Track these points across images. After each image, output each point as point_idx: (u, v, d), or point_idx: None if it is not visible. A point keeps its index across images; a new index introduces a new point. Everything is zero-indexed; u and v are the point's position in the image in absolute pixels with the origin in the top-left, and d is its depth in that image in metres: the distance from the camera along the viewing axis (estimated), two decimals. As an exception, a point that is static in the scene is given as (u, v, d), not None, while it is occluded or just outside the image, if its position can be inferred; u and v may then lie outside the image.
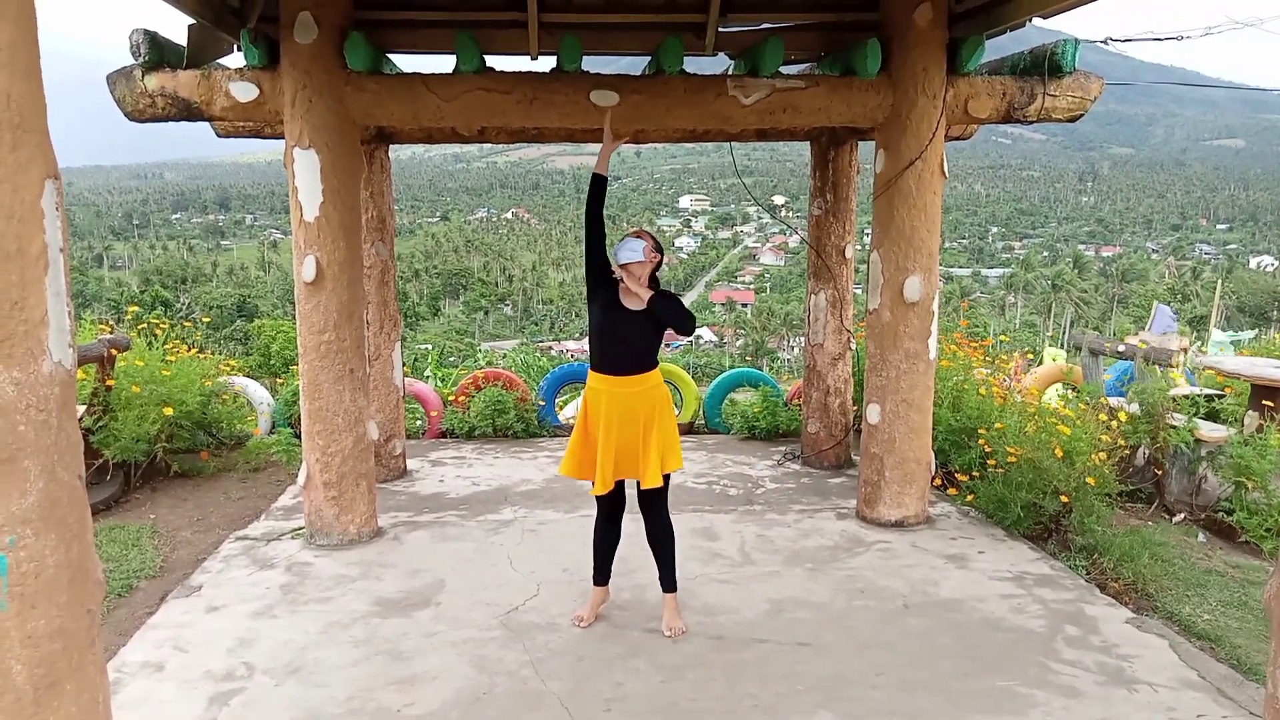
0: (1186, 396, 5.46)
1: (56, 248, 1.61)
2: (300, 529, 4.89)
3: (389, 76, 4.64)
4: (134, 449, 5.57)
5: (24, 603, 1.58)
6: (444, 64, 4.70)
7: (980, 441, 5.25)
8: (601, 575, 3.86)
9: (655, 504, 3.70)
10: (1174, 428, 5.23)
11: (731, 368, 9.30)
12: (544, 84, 4.61)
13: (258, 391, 7.30)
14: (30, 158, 1.55)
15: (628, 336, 3.58)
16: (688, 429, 7.65)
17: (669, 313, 3.55)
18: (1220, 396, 6.19)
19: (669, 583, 3.73)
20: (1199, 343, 8.67)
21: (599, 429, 3.59)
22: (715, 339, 69.24)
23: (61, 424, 1.63)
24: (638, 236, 3.66)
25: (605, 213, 3.74)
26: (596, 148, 3.97)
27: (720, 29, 5.02)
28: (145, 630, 3.69)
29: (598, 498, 3.72)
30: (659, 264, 3.67)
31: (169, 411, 5.79)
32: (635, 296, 3.57)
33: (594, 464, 3.61)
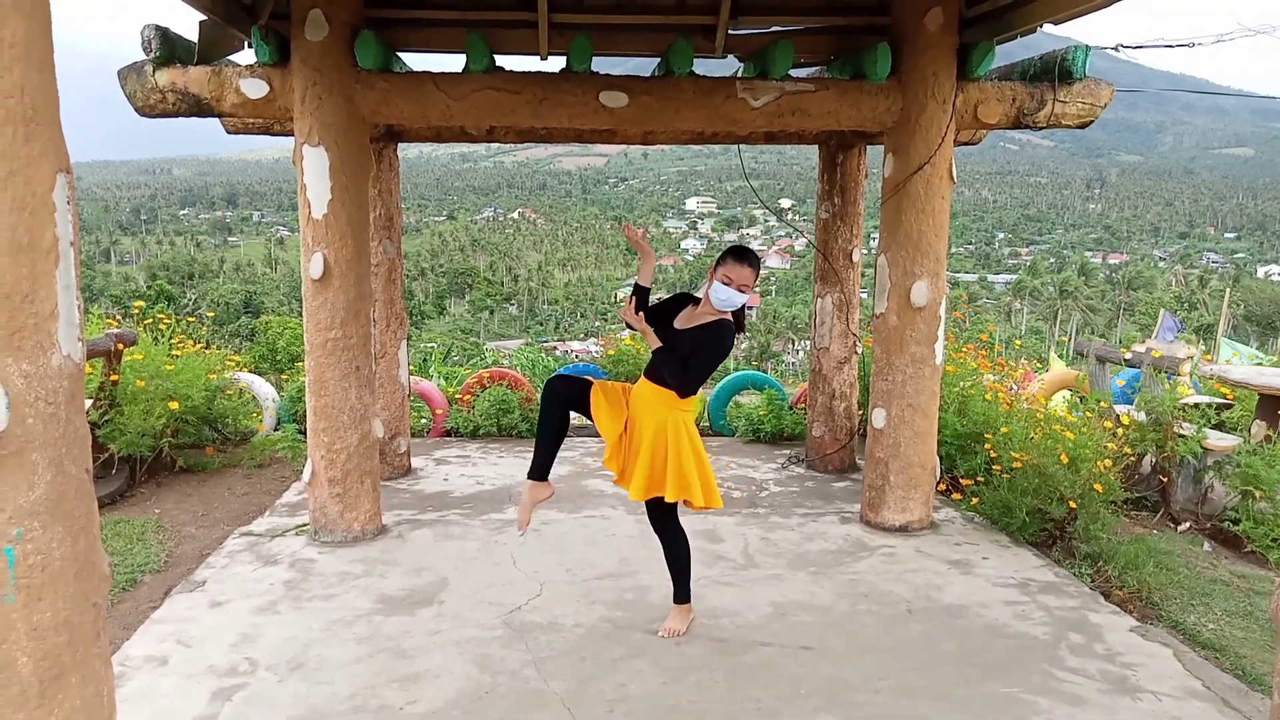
0: (1195, 405, 5.44)
1: (67, 241, 1.62)
2: (304, 525, 4.90)
3: (399, 75, 4.65)
4: (140, 443, 5.58)
5: (30, 595, 1.59)
6: (454, 63, 4.71)
7: (986, 447, 5.24)
8: (538, 467, 3.52)
9: (656, 520, 3.59)
10: (1182, 436, 5.20)
11: (736, 370, 9.28)
12: (553, 84, 4.61)
13: (263, 387, 7.31)
14: (42, 151, 1.55)
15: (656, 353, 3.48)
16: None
17: (666, 361, 3.39)
18: (1229, 406, 6.16)
19: (679, 595, 3.68)
20: (1204, 351, 8.62)
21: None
22: (720, 341, 69.03)
23: (70, 417, 1.64)
24: (741, 262, 3.38)
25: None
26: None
27: (730, 31, 5.02)
28: (149, 624, 3.70)
29: (551, 380, 3.59)
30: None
31: (175, 406, 5.80)
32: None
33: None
